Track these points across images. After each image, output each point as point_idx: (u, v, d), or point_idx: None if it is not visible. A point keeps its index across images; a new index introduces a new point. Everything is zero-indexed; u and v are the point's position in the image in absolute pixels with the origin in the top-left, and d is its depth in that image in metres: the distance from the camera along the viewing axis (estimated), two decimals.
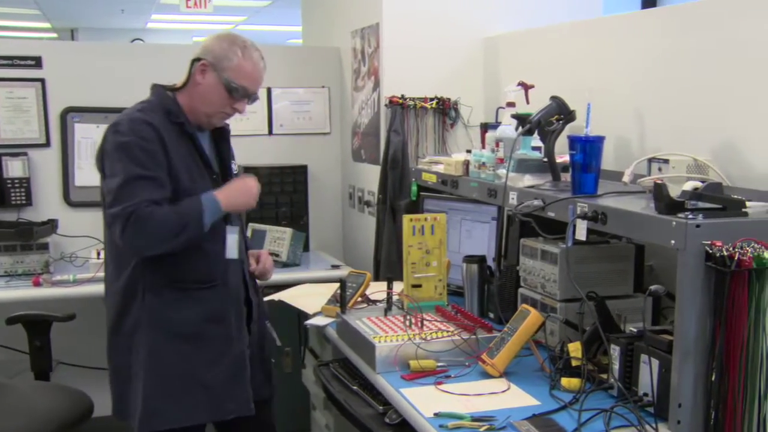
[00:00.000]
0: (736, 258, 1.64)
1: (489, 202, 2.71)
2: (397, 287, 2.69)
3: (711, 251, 1.68)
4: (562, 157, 2.39)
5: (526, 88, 2.78)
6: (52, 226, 3.71)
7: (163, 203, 2.20)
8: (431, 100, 3.53)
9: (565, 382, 2.06)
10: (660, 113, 2.49)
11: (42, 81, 3.82)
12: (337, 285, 2.75)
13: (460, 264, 2.79)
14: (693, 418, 1.73)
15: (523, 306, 2.28)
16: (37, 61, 3.82)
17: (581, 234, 2.06)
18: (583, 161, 2.15)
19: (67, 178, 3.88)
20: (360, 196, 4.00)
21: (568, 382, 2.06)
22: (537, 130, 2.43)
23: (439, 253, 2.67)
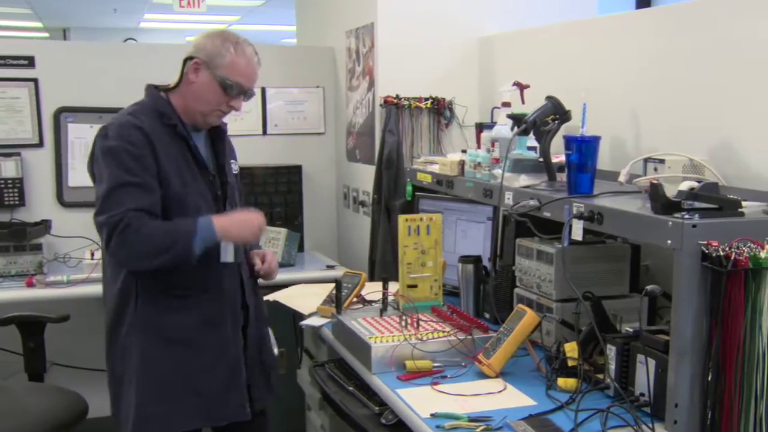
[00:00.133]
0: (733, 258, 1.64)
1: (484, 202, 2.70)
2: (393, 287, 2.69)
3: (707, 251, 1.68)
4: (558, 157, 2.40)
5: (522, 88, 2.78)
6: (45, 226, 3.70)
7: (152, 210, 2.16)
8: (426, 100, 3.52)
9: (561, 382, 2.06)
10: (655, 113, 2.49)
11: (35, 81, 3.80)
12: (332, 285, 2.75)
13: (455, 264, 2.79)
14: (690, 418, 1.73)
15: (519, 306, 2.28)
16: (30, 61, 3.80)
17: (577, 234, 2.06)
18: (579, 161, 2.15)
19: (60, 178, 3.86)
20: (355, 196, 3.99)
21: (565, 383, 2.05)
22: (532, 130, 2.43)
23: (434, 254, 2.67)
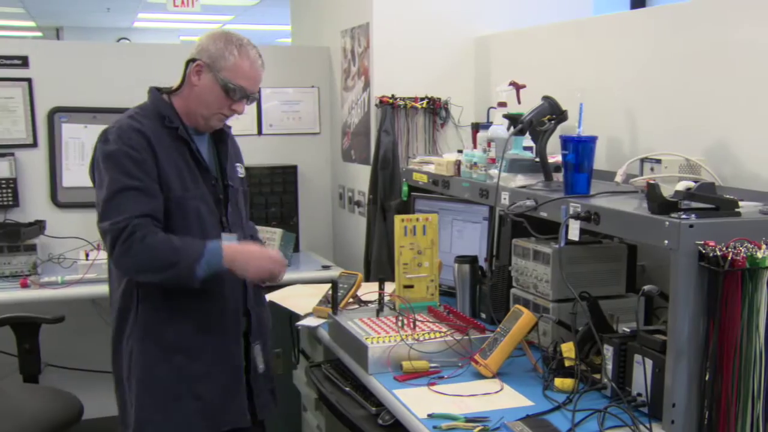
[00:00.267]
0: (730, 258, 1.65)
1: (481, 203, 2.70)
2: (389, 288, 2.68)
3: (704, 251, 1.68)
4: (554, 157, 2.39)
5: (518, 87, 2.78)
6: (39, 227, 3.68)
7: (155, 215, 2.14)
8: (422, 99, 3.52)
9: (558, 382, 2.06)
10: (652, 113, 2.49)
11: (29, 81, 3.78)
12: (327, 286, 2.74)
13: (451, 264, 2.78)
14: (687, 418, 1.74)
15: (516, 306, 2.27)
16: (24, 61, 3.79)
17: (574, 234, 2.06)
18: (575, 161, 2.15)
19: (54, 178, 3.85)
20: (350, 196, 3.99)
21: (562, 383, 2.05)
22: (529, 130, 2.42)
23: (430, 254, 2.66)
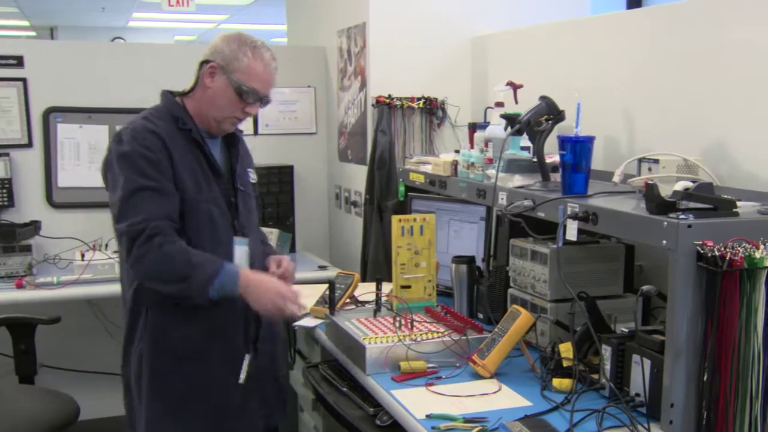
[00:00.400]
0: (728, 258, 1.65)
1: (478, 203, 2.70)
2: (386, 288, 2.68)
3: (702, 251, 1.68)
4: (552, 157, 2.39)
5: (515, 87, 2.78)
6: (34, 227, 3.67)
7: (171, 216, 2.12)
8: (418, 99, 3.52)
9: (556, 382, 2.06)
10: (649, 113, 2.49)
11: (24, 80, 3.77)
12: (324, 286, 2.74)
13: (448, 264, 2.78)
14: (685, 418, 1.74)
15: (514, 306, 2.27)
16: (19, 61, 3.77)
17: (572, 234, 2.06)
18: (573, 161, 2.15)
19: (50, 178, 3.83)
20: (347, 196, 3.98)
21: (560, 383, 2.05)
22: (526, 130, 2.42)
23: (428, 254, 2.66)
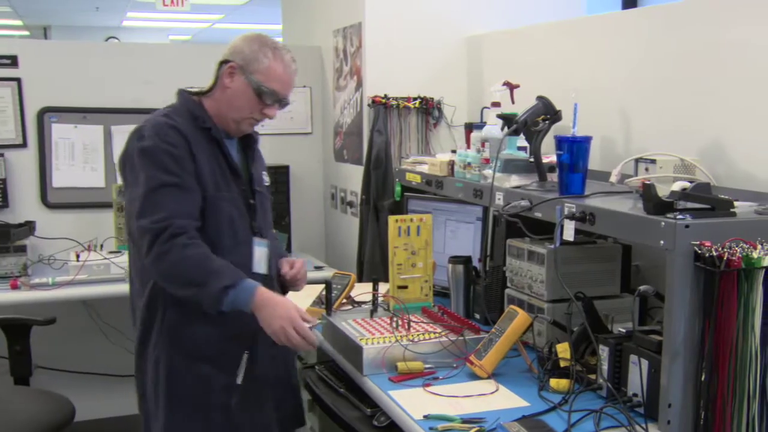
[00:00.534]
0: (725, 258, 1.65)
1: (475, 203, 2.70)
2: (382, 288, 2.67)
3: (700, 251, 1.68)
4: (548, 157, 2.39)
5: (512, 87, 2.77)
6: (29, 228, 3.65)
7: (194, 213, 2.10)
8: (414, 99, 3.51)
9: (553, 383, 2.06)
10: (646, 113, 2.49)
11: (18, 80, 3.75)
12: (320, 287, 2.73)
13: (444, 265, 2.78)
14: (682, 419, 1.74)
15: (511, 307, 2.27)
16: (13, 60, 3.76)
17: (569, 234, 2.06)
18: (570, 161, 2.15)
19: (44, 179, 3.82)
20: (342, 196, 3.98)
21: (557, 383, 2.05)
22: (523, 131, 2.42)
23: (424, 254, 2.65)
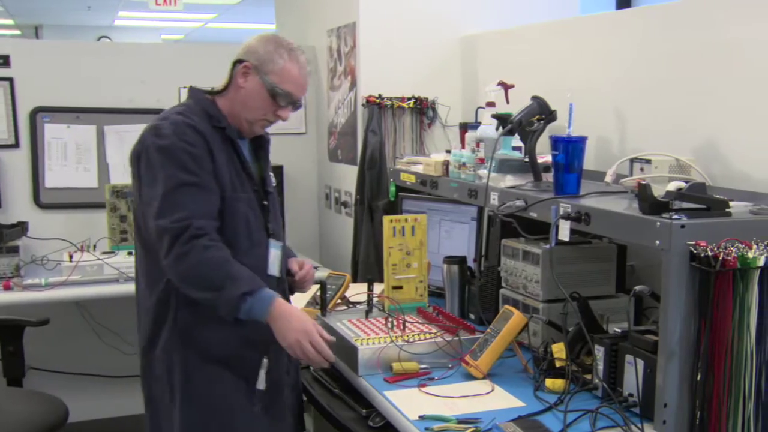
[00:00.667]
0: (721, 258, 1.65)
1: (469, 203, 2.70)
2: (377, 289, 2.67)
3: (696, 251, 1.68)
4: (543, 157, 2.39)
5: (506, 87, 2.77)
6: (22, 228, 3.63)
7: (213, 213, 2.06)
8: (408, 99, 3.51)
9: (549, 383, 2.06)
10: (641, 113, 2.49)
11: (10, 80, 3.73)
12: (315, 287, 2.72)
13: (439, 265, 2.78)
14: (678, 418, 1.74)
15: (506, 307, 2.27)
16: (5, 60, 3.74)
17: (564, 234, 2.06)
18: (565, 161, 2.15)
19: (37, 179, 3.80)
20: (337, 196, 3.97)
21: (553, 383, 2.05)
22: (518, 131, 2.42)
23: (419, 255, 2.65)
